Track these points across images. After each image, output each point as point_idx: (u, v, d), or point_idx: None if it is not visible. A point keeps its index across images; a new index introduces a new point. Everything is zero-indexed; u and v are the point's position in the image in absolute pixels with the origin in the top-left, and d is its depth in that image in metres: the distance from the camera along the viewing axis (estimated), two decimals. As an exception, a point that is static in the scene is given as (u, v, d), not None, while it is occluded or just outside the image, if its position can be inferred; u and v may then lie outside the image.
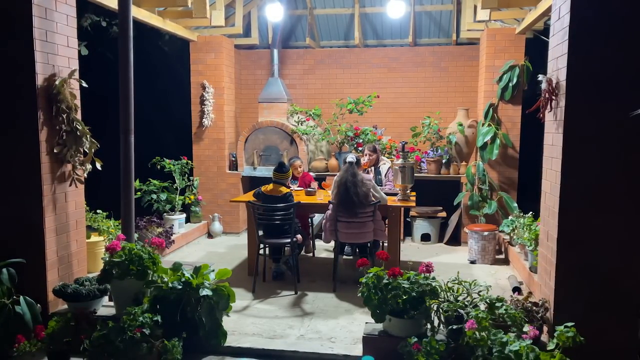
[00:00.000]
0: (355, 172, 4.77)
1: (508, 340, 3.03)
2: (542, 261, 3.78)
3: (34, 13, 3.69)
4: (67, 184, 4.07)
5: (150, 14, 5.66)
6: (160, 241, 4.14)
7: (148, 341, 3.28)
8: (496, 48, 6.36)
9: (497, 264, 5.84)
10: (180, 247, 6.44)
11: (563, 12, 3.36)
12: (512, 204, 6.13)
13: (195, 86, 7.15)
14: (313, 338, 3.84)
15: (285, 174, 5.01)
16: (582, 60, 3.22)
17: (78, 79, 4.09)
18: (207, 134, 7.22)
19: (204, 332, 3.53)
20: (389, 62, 7.60)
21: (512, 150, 6.41)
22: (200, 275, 3.65)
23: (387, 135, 7.29)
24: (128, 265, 3.65)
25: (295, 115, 7.21)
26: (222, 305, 3.64)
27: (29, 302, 3.57)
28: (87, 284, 3.91)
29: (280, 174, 4.99)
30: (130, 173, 4.12)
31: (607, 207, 3.26)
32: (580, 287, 3.33)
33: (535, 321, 3.42)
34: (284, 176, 5.00)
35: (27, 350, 3.37)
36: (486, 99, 6.44)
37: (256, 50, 7.93)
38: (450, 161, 6.79)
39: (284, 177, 5.00)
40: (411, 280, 3.47)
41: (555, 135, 3.46)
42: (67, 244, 4.12)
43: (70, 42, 4.09)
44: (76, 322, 3.54)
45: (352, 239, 4.91)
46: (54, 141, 3.89)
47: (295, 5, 7.57)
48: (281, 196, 4.89)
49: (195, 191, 6.99)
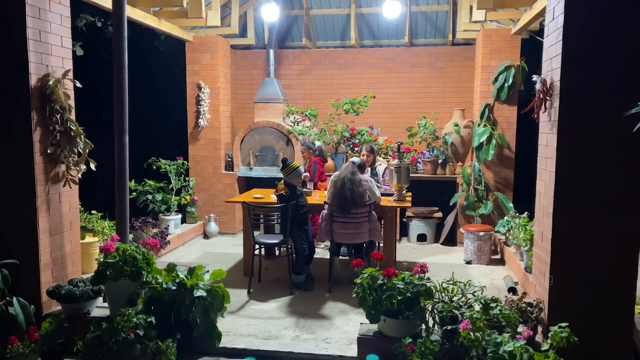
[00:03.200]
0: (355, 171, 4.77)
1: (502, 340, 3.03)
2: (537, 261, 3.78)
3: (28, 13, 3.68)
4: (61, 185, 4.06)
5: (146, 14, 5.64)
6: (155, 242, 4.13)
7: (142, 342, 3.27)
8: (492, 48, 6.37)
9: (492, 264, 5.84)
10: (176, 247, 6.43)
11: (557, 13, 3.36)
12: (507, 204, 6.13)
13: (191, 86, 7.14)
14: (308, 339, 3.84)
15: (284, 170, 4.86)
16: (576, 61, 3.22)
17: (72, 79, 4.08)
18: (203, 134, 7.21)
19: (199, 333, 3.52)
20: (385, 63, 7.60)
21: (507, 151, 6.42)
22: (194, 276, 3.64)
23: (383, 135, 7.28)
24: (122, 266, 3.64)
25: (292, 116, 7.20)
26: (217, 306, 3.64)
27: (22, 303, 3.56)
28: (81, 285, 3.90)
29: (282, 170, 4.94)
30: (125, 173, 4.11)
31: (601, 207, 3.26)
32: (575, 287, 3.33)
33: (530, 321, 3.42)
34: (284, 172, 4.89)
35: (20, 352, 3.35)
36: (482, 99, 6.45)
37: (252, 50, 7.93)
38: (446, 161, 6.79)
39: (285, 173, 4.88)
40: (406, 281, 3.47)
41: (550, 136, 3.47)
42: (61, 245, 4.11)
43: (64, 42, 4.08)
44: (70, 323, 3.52)
45: (348, 239, 4.90)
46: (48, 141, 3.88)
47: (291, 5, 7.57)
48: (278, 195, 4.91)
49: (191, 192, 6.98)
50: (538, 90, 3.53)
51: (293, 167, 4.86)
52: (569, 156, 3.28)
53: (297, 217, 4.88)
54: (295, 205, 4.81)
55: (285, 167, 4.87)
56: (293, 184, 4.88)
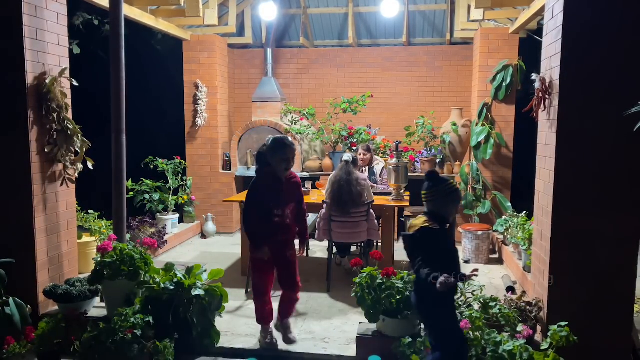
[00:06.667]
0: (350, 171, 4.75)
1: (502, 340, 3.03)
2: (536, 260, 3.78)
3: (24, 11, 3.65)
4: (57, 184, 4.03)
5: (143, 13, 5.61)
6: (152, 241, 4.11)
7: (139, 342, 3.25)
8: (490, 48, 6.36)
9: (491, 263, 5.84)
10: (174, 247, 6.40)
11: (556, 12, 3.36)
12: (505, 204, 6.13)
13: (189, 85, 7.11)
14: (306, 338, 3.82)
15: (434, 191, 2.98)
16: (575, 59, 3.22)
17: (69, 78, 4.05)
18: (200, 133, 7.19)
19: (197, 333, 3.50)
20: (382, 62, 7.59)
21: (505, 150, 6.42)
22: (192, 275, 3.62)
23: (381, 134, 7.28)
24: (119, 266, 3.62)
25: (289, 115, 7.18)
26: (215, 305, 3.62)
27: (18, 303, 3.53)
28: (78, 284, 3.88)
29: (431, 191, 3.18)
30: (122, 172, 4.09)
31: (601, 206, 3.26)
32: (574, 286, 3.33)
33: (529, 321, 3.41)
34: (432, 195, 3.04)
35: (17, 352, 3.34)
36: (480, 98, 6.44)
37: (250, 49, 7.91)
38: (444, 161, 6.79)
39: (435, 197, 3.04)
40: (405, 280, 3.46)
41: (549, 135, 3.46)
42: (58, 245, 4.08)
43: (60, 41, 4.05)
44: (67, 324, 3.50)
45: (346, 238, 4.89)
46: (45, 140, 3.85)
47: (289, 4, 7.55)
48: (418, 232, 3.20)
49: (189, 191, 6.95)
50: (537, 89, 3.52)
51: (451, 188, 2.85)
52: (568, 155, 3.28)
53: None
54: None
55: (436, 187, 2.85)
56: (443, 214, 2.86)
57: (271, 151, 3.51)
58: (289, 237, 3.67)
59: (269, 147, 3.52)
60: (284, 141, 3.52)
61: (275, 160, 3.50)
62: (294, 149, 3.54)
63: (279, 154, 3.49)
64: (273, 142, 3.52)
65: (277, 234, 3.57)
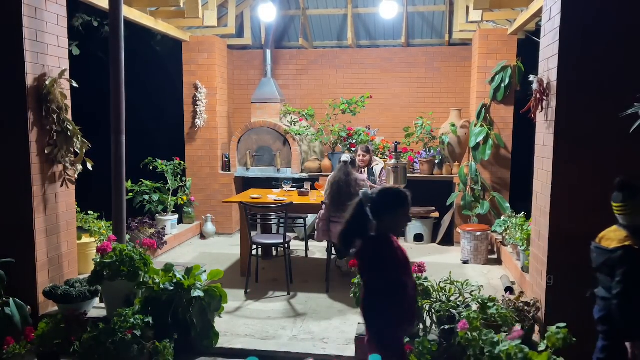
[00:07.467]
0: (349, 172, 4.76)
1: (499, 340, 3.04)
2: (534, 261, 3.79)
3: (24, 12, 3.67)
4: (57, 185, 4.05)
5: (142, 14, 5.63)
6: (152, 242, 4.12)
7: (139, 343, 3.26)
8: (488, 49, 6.38)
9: (489, 264, 5.85)
10: (173, 248, 6.41)
11: (554, 13, 3.37)
12: (504, 204, 6.15)
13: (188, 86, 7.12)
14: (306, 339, 3.83)
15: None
16: (572, 61, 3.24)
17: (68, 79, 4.07)
18: (199, 134, 7.20)
19: (196, 333, 3.51)
20: (381, 63, 7.61)
21: (504, 151, 6.43)
22: (192, 276, 3.64)
23: (380, 135, 7.29)
24: (119, 267, 3.63)
25: (289, 116, 7.20)
26: (214, 306, 3.63)
27: (18, 303, 3.54)
28: (77, 285, 3.89)
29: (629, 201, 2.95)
30: (122, 173, 4.10)
31: (598, 206, 3.26)
32: (572, 286, 3.34)
33: (527, 321, 3.42)
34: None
35: (17, 352, 3.34)
36: (478, 99, 6.46)
37: (249, 50, 7.92)
38: (443, 161, 6.80)
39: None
40: (403, 281, 3.46)
41: (547, 135, 3.48)
42: (58, 245, 4.09)
43: (60, 42, 4.07)
44: (67, 324, 3.51)
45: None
46: (45, 141, 3.87)
47: (288, 5, 7.56)
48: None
49: (188, 192, 6.96)
50: (535, 90, 3.54)
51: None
52: (566, 156, 3.29)
53: None
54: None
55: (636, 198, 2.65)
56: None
57: (392, 206, 2.66)
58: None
59: (387, 202, 2.65)
60: (405, 193, 2.68)
61: (398, 216, 2.69)
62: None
63: (404, 207, 2.67)
64: (394, 195, 2.68)
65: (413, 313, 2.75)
